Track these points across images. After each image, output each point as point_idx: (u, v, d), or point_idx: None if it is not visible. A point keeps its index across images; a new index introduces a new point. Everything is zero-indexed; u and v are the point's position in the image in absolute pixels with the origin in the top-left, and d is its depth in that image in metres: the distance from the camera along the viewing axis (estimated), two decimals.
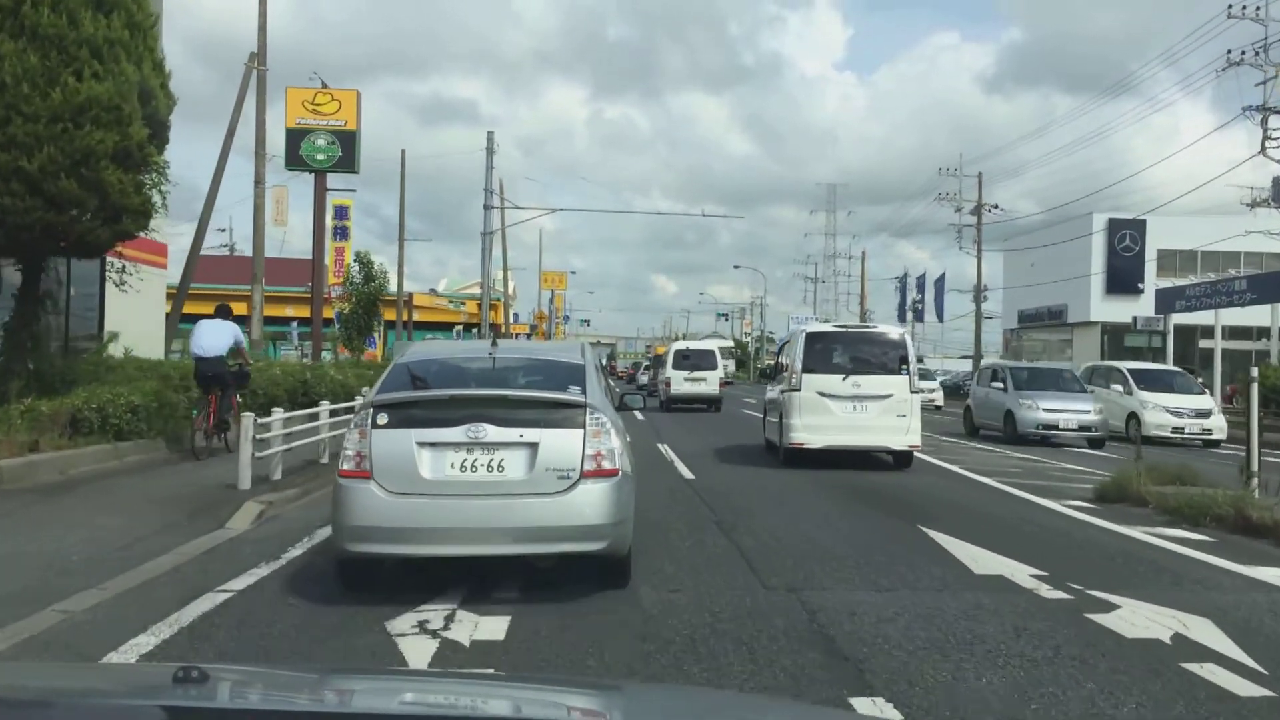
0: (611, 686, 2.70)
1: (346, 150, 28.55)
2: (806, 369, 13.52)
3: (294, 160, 28.19)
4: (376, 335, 29.83)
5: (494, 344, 7.11)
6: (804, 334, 14.36)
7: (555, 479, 5.75)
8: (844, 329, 15.51)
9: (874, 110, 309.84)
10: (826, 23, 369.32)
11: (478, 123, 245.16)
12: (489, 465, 5.75)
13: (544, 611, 5.64)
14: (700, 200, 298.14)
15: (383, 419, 5.83)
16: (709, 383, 29.06)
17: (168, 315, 22.35)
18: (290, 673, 2.62)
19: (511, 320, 73.12)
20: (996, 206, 49.37)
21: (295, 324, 44.76)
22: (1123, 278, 44.09)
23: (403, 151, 37.26)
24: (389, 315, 30.49)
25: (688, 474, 12.80)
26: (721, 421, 24.86)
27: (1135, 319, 39.09)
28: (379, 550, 5.82)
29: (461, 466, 5.75)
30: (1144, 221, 43.21)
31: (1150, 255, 43.93)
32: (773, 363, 23.89)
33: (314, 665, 4.40)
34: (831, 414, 13.30)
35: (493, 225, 33.04)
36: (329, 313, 28.51)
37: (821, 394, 13.33)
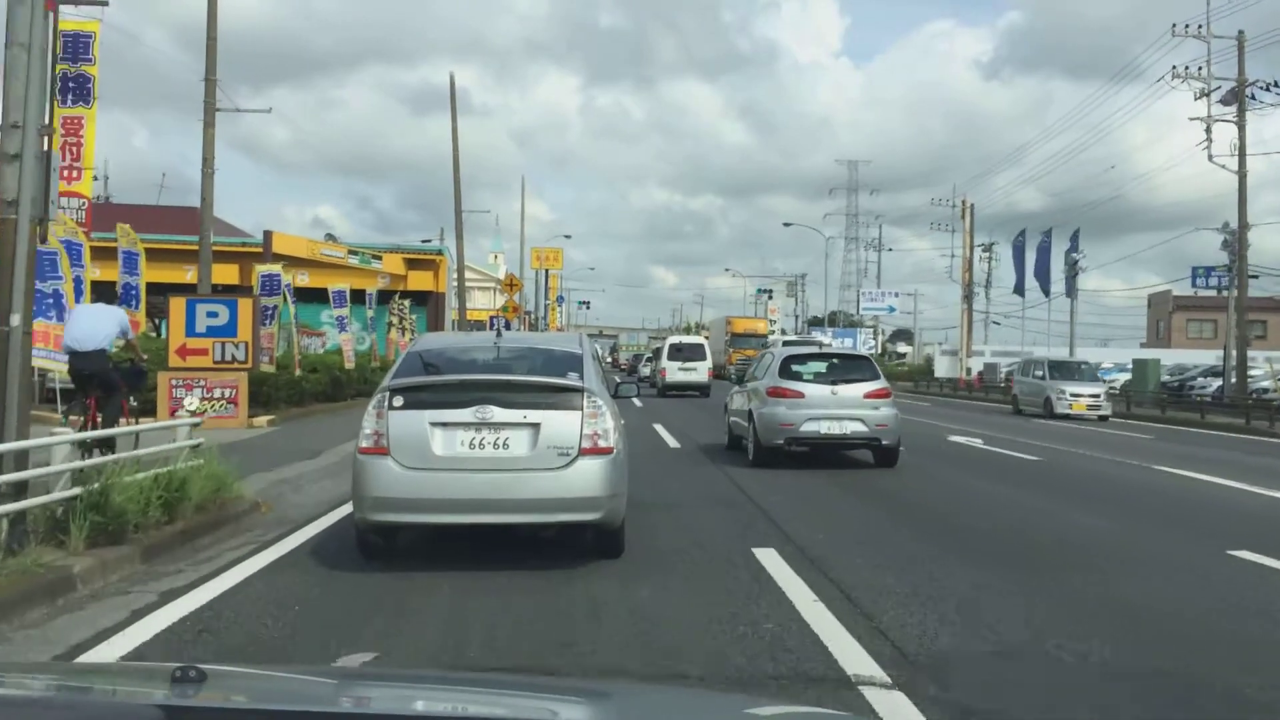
0: (601, 692, 2.51)
1: None
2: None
3: None
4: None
5: (499, 335, 8.05)
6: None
7: (556, 456, 6.41)
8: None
9: (871, 98, 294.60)
10: (822, 7, 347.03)
11: (471, 112, 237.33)
12: (495, 443, 6.40)
13: None
14: (698, 190, 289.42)
15: (398, 401, 6.49)
16: (699, 372, 33.62)
17: None
18: (288, 673, 2.57)
19: (507, 306, 48.88)
20: (1277, 84, 29.92)
21: None
22: None
23: None
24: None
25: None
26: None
27: None
28: (396, 519, 6.52)
29: (471, 444, 6.40)
30: None
31: None
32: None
33: (311, 666, 4.31)
34: None
35: None
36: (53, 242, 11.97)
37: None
